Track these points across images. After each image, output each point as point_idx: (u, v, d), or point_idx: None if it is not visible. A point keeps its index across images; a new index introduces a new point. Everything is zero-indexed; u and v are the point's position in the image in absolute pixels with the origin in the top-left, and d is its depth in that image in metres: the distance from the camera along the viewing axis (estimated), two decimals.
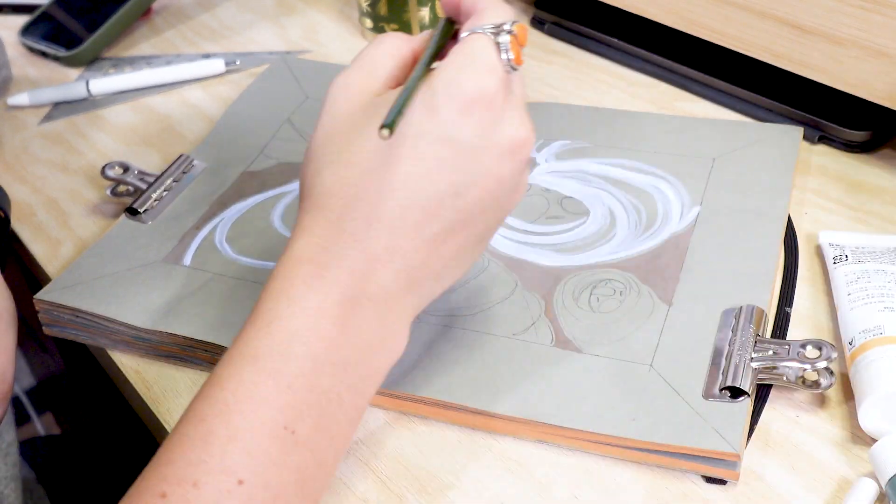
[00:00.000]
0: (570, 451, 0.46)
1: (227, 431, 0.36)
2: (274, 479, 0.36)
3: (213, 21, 0.88)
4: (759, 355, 0.46)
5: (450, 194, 0.39)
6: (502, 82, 0.40)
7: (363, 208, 0.39)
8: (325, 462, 0.38)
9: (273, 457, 0.36)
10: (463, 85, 0.39)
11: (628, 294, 0.51)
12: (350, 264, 0.39)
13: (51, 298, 0.54)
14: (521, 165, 0.41)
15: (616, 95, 0.71)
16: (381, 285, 0.39)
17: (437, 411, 0.48)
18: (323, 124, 0.41)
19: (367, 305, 0.39)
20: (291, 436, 0.36)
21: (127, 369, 0.53)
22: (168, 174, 0.62)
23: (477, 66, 0.39)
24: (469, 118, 0.39)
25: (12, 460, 0.54)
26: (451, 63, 0.40)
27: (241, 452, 0.35)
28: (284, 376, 0.37)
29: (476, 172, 0.39)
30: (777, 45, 0.62)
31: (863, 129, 0.61)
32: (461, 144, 0.39)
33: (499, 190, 0.40)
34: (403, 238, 0.39)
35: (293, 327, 0.38)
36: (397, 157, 0.39)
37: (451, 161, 0.39)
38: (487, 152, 0.39)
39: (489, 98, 0.39)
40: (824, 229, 0.55)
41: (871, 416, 0.43)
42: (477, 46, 0.40)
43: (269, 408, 0.36)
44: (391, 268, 0.39)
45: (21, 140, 0.74)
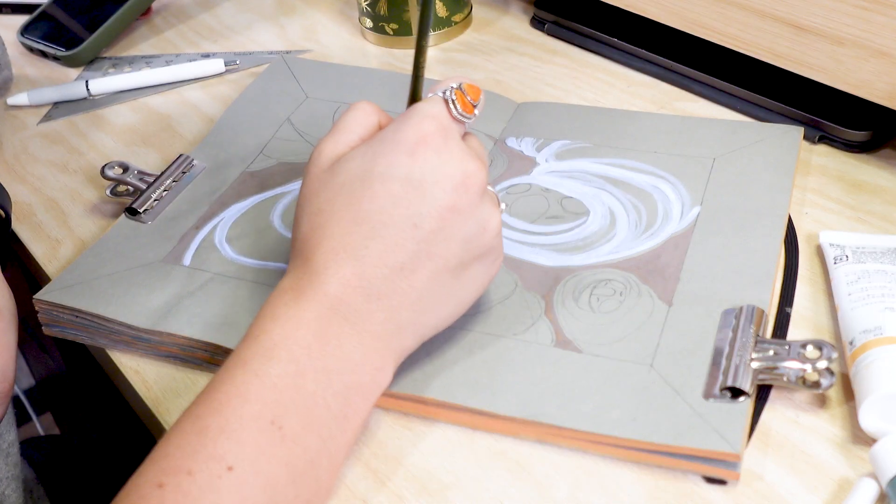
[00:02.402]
0: (570, 451, 0.46)
1: (218, 424, 0.39)
2: (264, 468, 0.38)
3: (213, 21, 0.88)
4: (759, 355, 0.46)
5: (408, 226, 0.44)
6: (444, 128, 0.45)
7: (331, 244, 0.44)
8: (317, 462, 0.41)
9: (262, 447, 0.39)
10: (406, 131, 0.45)
11: (628, 294, 0.51)
12: (325, 288, 0.43)
13: (50, 298, 0.54)
14: (474, 197, 0.45)
15: (616, 95, 0.71)
16: (354, 308, 0.43)
17: (437, 411, 0.47)
18: (303, 186, 0.47)
19: (344, 324, 0.43)
20: (279, 430, 0.39)
21: (127, 369, 0.53)
22: (168, 174, 0.62)
23: (419, 115, 0.45)
24: (415, 157, 0.44)
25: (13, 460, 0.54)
26: (400, 116, 0.46)
27: (231, 442, 0.38)
28: (270, 376, 0.40)
29: (429, 204, 0.44)
30: (777, 45, 0.62)
31: (863, 129, 0.61)
32: (411, 181, 0.44)
33: (456, 220, 0.44)
34: (370, 266, 0.43)
35: (276, 337, 0.42)
36: (357, 198, 0.44)
37: (404, 196, 0.44)
38: (438, 185, 0.44)
39: (430, 139, 0.44)
40: (825, 229, 0.55)
41: (872, 416, 0.43)
42: (424, 103, 0.46)
43: (256, 403, 0.39)
44: (362, 292, 0.43)
45: (21, 140, 0.74)
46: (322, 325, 0.42)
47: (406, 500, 0.44)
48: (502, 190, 0.60)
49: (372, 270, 0.43)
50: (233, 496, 0.37)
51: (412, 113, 0.46)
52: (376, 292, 0.43)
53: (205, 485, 0.37)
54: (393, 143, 0.45)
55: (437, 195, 0.44)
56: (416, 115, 0.45)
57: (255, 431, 0.39)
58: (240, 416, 0.39)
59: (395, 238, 0.44)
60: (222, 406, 0.39)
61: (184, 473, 0.37)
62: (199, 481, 0.37)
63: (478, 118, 0.48)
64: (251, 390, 0.40)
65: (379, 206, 0.44)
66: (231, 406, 0.39)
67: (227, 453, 0.38)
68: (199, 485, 0.37)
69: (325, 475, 0.41)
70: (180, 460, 0.38)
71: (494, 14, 0.83)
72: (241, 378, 0.40)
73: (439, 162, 0.44)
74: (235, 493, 0.37)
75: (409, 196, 0.44)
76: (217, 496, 0.37)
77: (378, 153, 0.45)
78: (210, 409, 0.39)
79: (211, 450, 0.38)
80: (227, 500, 0.37)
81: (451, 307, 0.46)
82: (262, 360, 0.41)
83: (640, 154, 0.61)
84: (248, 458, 0.38)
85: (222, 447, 0.38)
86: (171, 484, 0.37)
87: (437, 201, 0.44)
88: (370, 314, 0.43)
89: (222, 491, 0.37)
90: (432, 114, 0.45)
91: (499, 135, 0.65)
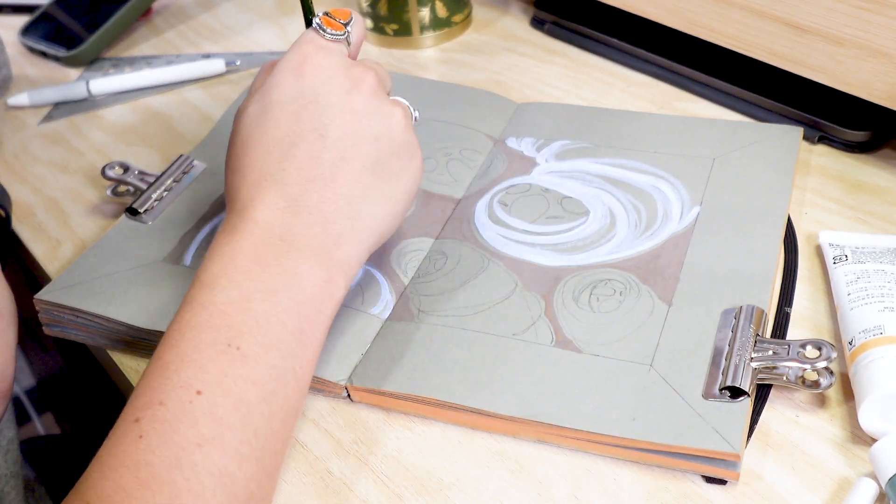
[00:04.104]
0: (570, 451, 0.46)
1: (178, 356, 0.40)
2: (231, 387, 0.39)
3: (213, 21, 0.88)
4: (758, 355, 0.46)
5: (315, 137, 0.46)
6: (321, 47, 0.48)
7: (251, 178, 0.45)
8: (284, 379, 0.41)
9: (224, 369, 0.40)
10: (288, 59, 0.48)
11: (628, 294, 0.51)
12: (254, 217, 0.44)
13: (51, 298, 0.54)
14: (369, 97, 0.48)
15: (616, 95, 0.71)
16: (286, 227, 0.44)
17: (437, 411, 0.48)
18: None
19: (280, 244, 0.43)
20: (237, 351, 0.40)
21: (127, 369, 0.53)
22: (168, 174, 0.62)
23: (295, 45, 0.49)
24: (303, 76, 0.47)
25: (13, 458, 0.55)
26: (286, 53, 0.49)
27: (194, 369, 0.39)
28: (216, 304, 0.41)
29: (329, 113, 0.46)
30: (777, 45, 0.62)
31: (863, 129, 0.61)
32: (305, 96, 0.47)
33: (359, 120, 0.47)
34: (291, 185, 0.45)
35: (216, 270, 0.43)
36: (263, 130, 0.46)
37: (304, 111, 0.46)
38: (331, 94, 0.47)
39: (311, 57, 0.48)
40: (824, 229, 0.55)
41: (871, 416, 0.43)
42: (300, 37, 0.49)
43: (209, 330, 0.41)
44: (290, 211, 0.44)
45: (21, 140, 0.74)
46: (259, 250, 0.43)
47: (406, 500, 0.44)
48: (502, 190, 0.60)
49: (294, 188, 0.45)
50: (206, 417, 0.38)
51: (291, 47, 0.49)
52: (304, 207, 0.45)
53: (178, 410, 0.38)
54: (279, 72, 0.47)
55: (333, 102, 0.47)
56: (293, 46, 0.49)
57: (214, 355, 0.40)
58: (196, 344, 0.40)
59: (307, 152, 0.45)
60: (177, 340, 0.40)
61: (156, 405, 0.38)
62: (172, 408, 0.38)
63: (352, 33, 0.50)
64: (201, 320, 0.41)
65: (284, 129, 0.46)
66: (185, 338, 0.40)
67: (193, 379, 0.39)
68: (173, 411, 0.38)
69: (293, 392, 0.42)
70: (150, 394, 0.39)
71: (494, 14, 0.83)
72: (189, 313, 0.41)
73: (326, 75, 0.47)
74: (209, 414, 0.38)
75: (308, 110, 0.46)
76: (192, 419, 0.38)
77: (269, 87, 0.47)
78: (168, 346, 0.40)
79: (176, 379, 0.39)
80: (202, 422, 0.38)
81: (383, 207, 0.47)
82: (206, 291, 0.42)
83: (640, 154, 0.61)
84: (214, 381, 0.39)
85: (187, 375, 0.39)
86: (145, 416, 0.38)
87: (335, 108, 0.46)
88: (304, 229, 0.44)
89: (196, 413, 0.38)
90: (306, 40, 0.49)
91: (499, 135, 0.65)
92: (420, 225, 0.58)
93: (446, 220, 0.58)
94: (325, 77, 0.47)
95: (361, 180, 0.46)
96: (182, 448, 0.37)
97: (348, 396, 0.49)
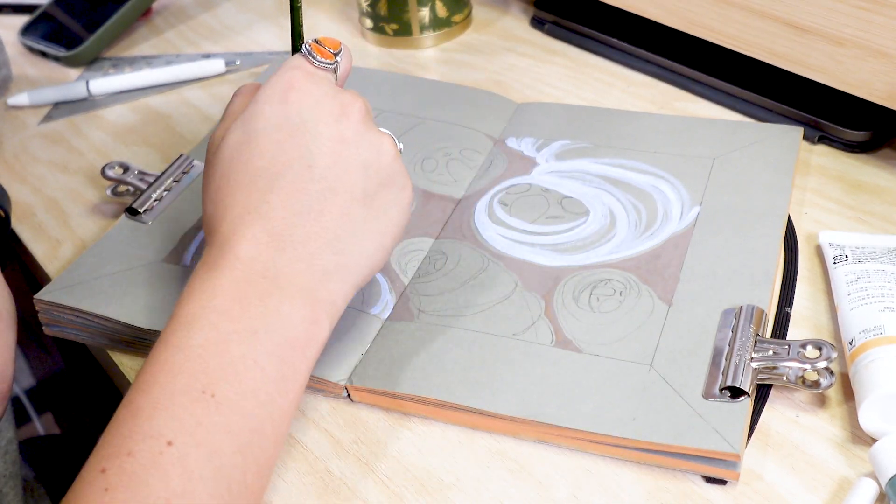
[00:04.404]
0: (570, 451, 0.46)
1: (149, 402, 0.38)
2: (204, 438, 0.37)
3: (213, 21, 0.88)
4: (759, 355, 0.46)
5: (303, 168, 0.43)
6: (308, 73, 0.46)
7: (234, 211, 0.43)
8: (260, 429, 0.39)
9: (197, 418, 0.37)
10: (273, 84, 0.45)
11: (628, 294, 0.51)
12: (235, 252, 0.42)
13: (51, 298, 0.54)
14: (358, 125, 0.45)
15: (616, 95, 0.71)
16: (270, 263, 0.42)
17: (437, 411, 0.48)
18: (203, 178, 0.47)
19: (262, 282, 0.41)
20: (212, 398, 0.38)
21: (127, 369, 0.53)
22: (168, 174, 0.62)
23: (281, 69, 0.46)
24: (289, 103, 0.44)
25: (11, 458, 0.54)
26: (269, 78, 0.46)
27: (165, 417, 0.37)
28: (193, 347, 0.39)
29: (316, 142, 0.44)
30: (777, 45, 0.62)
31: (863, 129, 0.61)
32: (291, 124, 0.44)
33: (347, 149, 0.44)
34: (276, 220, 0.42)
35: (194, 309, 0.40)
36: (247, 160, 0.44)
37: (290, 140, 0.44)
38: (319, 121, 0.44)
39: (298, 83, 0.45)
40: (824, 229, 0.55)
41: (871, 416, 0.43)
42: (285, 62, 0.47)
43: (182, 375, 0.38)
44: (274, 246, 0.42)
45: (21, 140, 0.74)
46: (240, 288, 0.41)
47: (406, 500, 0.44)
48: (502, 190, 0.60)
49: (279, 222, 0.42)
50: (177, 470, 0.36)
51: (275, 73, 0.46)
52: (290, 242, 0.42)
53: (147, 462, 0.36)
54: (264, 99, 0.45)
55: (321, 130, 0.44)
56: (278, 71, 0.46)
57: (187, 403, 0.38)
58: (170, 391, 0.38)
59: (293, 184, 0.43)
60: (150, 385, 0.38)
61: (124, 455, 0.36)
62: (141, 460, 0.36)
63: (341, 64, 0.48)
64: (175, 364, 0.39)
65: (269, 158, 0.43)
66: (158, 383, 0.38)
67: (164, 428, 0.37)
68: (142, 463, 0.36)
69: (269, 443, 0.39)
70: (119, 443, 0.37)
71: (494, 14, 0.83)
72: (163, 355, 0.39)
73: (313, 101, 0.45)
74: (179, 466, 0.36)
75: (294, 139, 0.44)
76: (161, 472, 0.36)
77: (253, 114, 0.45)
78: (139, 391, 0.38)
79: (146, 428, 0.37)
80: (173, 475, 0.36)
81: (371, 242, 0.45)
82: (182, 333, 0.40)
83: (640, 154, 0.61)
84: (186, 431, 0.37)
85: (157, 423, 0.37)
86: (112, 467, 0.36)
87: (323, 136, 0.44)
88: (289, 265, 0.42)
89: (166, 466, 0.36)
90: (293, 65, 0.46)
91: (499, 135, 0.65)
92: (420, 225, 0.58)
93: (446, 220, 0.58)
94: (313, 103, 0.45)
95: (350, 212, 0.44)
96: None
97: (348, 396, 0.49)
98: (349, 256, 0.44)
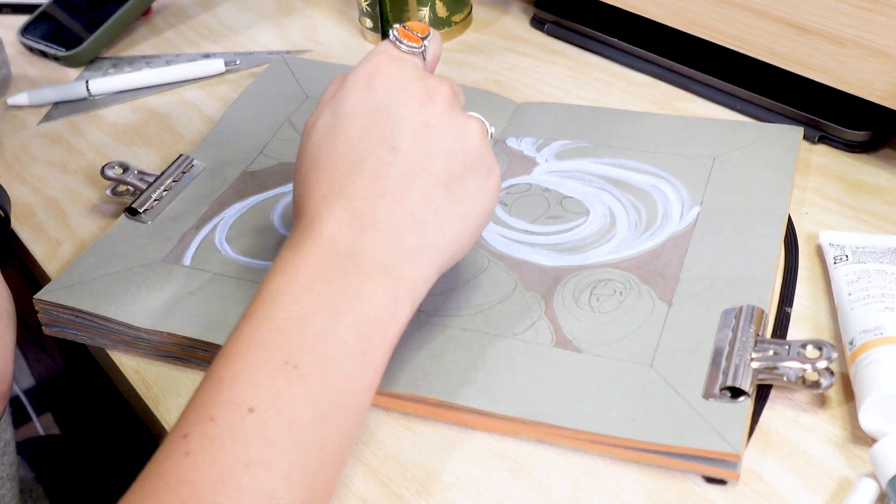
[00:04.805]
0: (570, 451, 0.46)
1: (232, 372, 0.39)
2: (285, 407, 0.38)
3: (213, 21, 0.88)
4: (759, 355, 0.46)
5: (386, 151, 0.44)
6: (394, 58, 0.47)
7: (319, 193, 0.44)
8: (340, 402, 0.40)
9: (279, 388, 0.38)
10: (359, 71, 0.47)
11: (628, 294, 0.51)
12: (320, 232, 0.43)
13: (50, 298, 0.54)
14: (443, 109, 0.46)
15: (616, 95, 0.71)
16: (352, 243, 0.43)
17: (437, 411, 0.47)
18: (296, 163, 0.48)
19: (346, 261, 0.42)
20: (294, 370, 0.39)
21: (127, 369, 0.53)
22: (168, 174, 0.62)
23: (368, 56, 0.48)
24: (374, 88, 0.46)
25: (9, 460, 0.54)
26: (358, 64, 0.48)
27: (247, 386, 0.38)
28: (276, 320, 0.40)
29: (401, 126, 0.45)
30: (777, 45, 0.62)
31: (863, 129, 0.61)
32: (377, 110, 0.45)
33: (432, 134, 0.45)
34: (359, 200, 0.43)
35: (278, 285, 0.41)
36: (333, 144, 0.45)
37: (375, 125, 0.45)
38: (403, 106, 0.45)
39: (383, 69, 0.46)
40: (824, 229, 0.55)
41: (872, 416, 0.43)
42: (375, 48, 0.48)
43: (265, 348, 0.39)
44: (357, 227, 0.43)
45: (21, 140, 0.74)
46: (323, 266, 0.42)
47: (406, 500, 0.44)
48: (502, 190, 0.60)
49: (362, 203, 0.43)
50: (257, 437, 0.37)
51: (363, 59, 0.47)
52: (372, 223, 0.43)
53: (228, 428, 0.37)
54: (351, 85, 0.46)
55: (405, 115, 0.45)
56: (366, 57, 0.47)
57: (269, 373, 0.38)
58: (251, 361, 0.39)
59: (377, 167, 0.44)
60: (234, 356, 0.39)
61: (206, 420, 0.37)
62: (222, 425, 0.37)
63: (429, 48, 0.49)
64: (259, 336, 0.40)
65: (354, 143, 0.44)
66: (241, 354, 0.39)
67: (246, 396, 0.38)
68: (223, 428, 0.37)
69: (350, 417, 0.40)
70: (201, 410, 0.38)
71: (494, 14, 0.83)
72: (248, 329, 0.40)
73: (399, 86, 0.45)
74: (260, 433, 0.37)
75: (379, 123, 0.45)
76: (242, 437, 0.37)
77: (340, 100, 0.46)
78: (223, 362, 0.39)
79: (228, 396, 0.38)
80: (253, 441, 0.37)
81: (455, 225, 0.45)
82: (267, 307, 0.41)
83: (640, 154, 0.61)
84: (267, 399, 0.38)
85: (240, 392, 0.38)
86: (195, 432, 0.37)
87: (408, 120, 0.45)
88: (371, 246, 0.43)
89: (246, 432, 0.37)
90: (380, 50, 0.47)
91: (499, 135, 0.65)
92: None
93: None
94: (398, 88, 0.45)
95: (433, 197, 0.44)
96: (229, 468, 0.36)
97: None
98: (431, 239, 0.44)
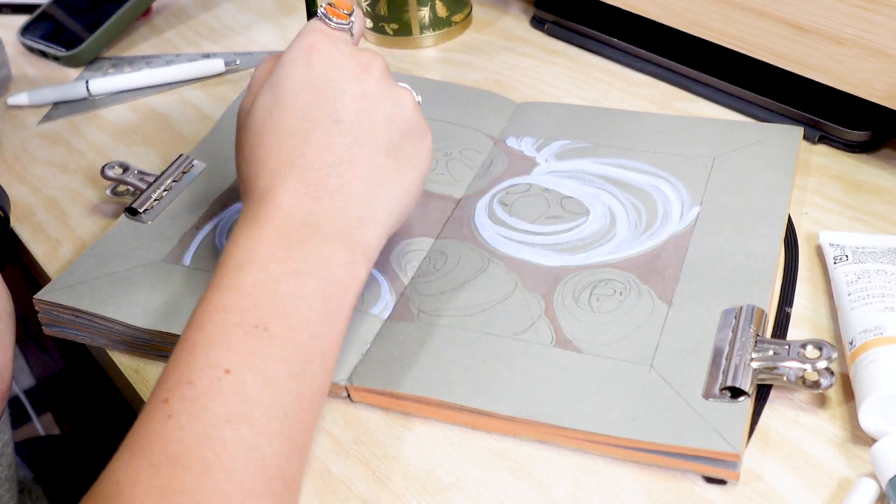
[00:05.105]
0: (570, 451, 0.46)
1: (206, 337, 0.40)
2: (260, 367, 0.39)
3: (213, 21, 0.88)
4: (759, 355, 0.46)
5: (331, 123, 0.46)
6: (327, 35, 0.49)
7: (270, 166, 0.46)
8: (311, 360, 0.41)
9: (253, 349, 0.40)
10: (295, 49, 0.48)
11: (628, 294, 0.51)
12: (277, 203, 0.45)
13: (50, 298, 0.54)
14: (378, 80, 0.48)
15: (616, 95, 0.71)
16: (308, 212, 0.45)
17: (437, 411, 0.48)
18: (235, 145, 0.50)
19: (303, 229, 0.44)
20: (265, 332, 0.40)
21: (127, 369, 0.53)
22: (168, 174, 0.62)
23: (301, 34, 0.49)
24: (312, 65, 0.48)
25: (7, 461, 0.54)
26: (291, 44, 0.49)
27: (222, 349, 0.40)
28: (243, 287, 0.42)
29: (342, 98, 0.47)
30: (777, 45, 0.62)
31: (863, 129, 0.61)
32: (317, 84, 0.47)
33: (371, 104, 0.47)
34: (310, 171, 0.45)
35: (242, 255, 0.43)
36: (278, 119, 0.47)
37: (317, 98, 0.47)
38: (342, 79, 0.47)
39: (319, 45, 0.48)
40: (824, 229, 0.55)
41: (872, 416, 0.43)
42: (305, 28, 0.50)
43: (236, 312, 0.41)
44: (312, 196, 0.45)
45: (21, 140, 0.74)
46: (283, 235, 0.44)
47: (406, 500, 0.44)
48: (502, 190, 0.60)
49: (313, 174, 0.45)
50: (236, 395, 0.38)
51: (296, 38, 0.49)
52: (325, 191, 0.45)
53: (206, 389, 0.38)
54: (290, 63, 0.48)
55: (344, 87, 0.47)
56: (299, 36, 0.49)
57: (242, 335, 0.40)
58: (223, 326, 0.40)
59: (324, 138, 0.46)
60: (204, 322, 0.41)
61: (184, 384, 0.38)
62: (201, 387, 0.38)
63: (355, 24, 0.51)
64: (228, 302, 0.41)
65: (299, 116, 0.46)
66: (212, 320, 0.41)
67: (221, 358, 0.39)
68: (202, 389, 0.38)
69: (320, 372, 0.42)
70: (178, 375, 0.39)
71: (494, 14, 0.83)
72: (215, 297, 0.42)
73: (335, 61, 0.48)
74: (238, 392, 0.38)
75: (321, 97, 0.47)
76: (221, 397, 0.38)
77: (280, 77, 0.48)
78: (194, 329, 0.41)
79: (204, 360, 0.39)
80: (232, 400, 0.38)
81: (399, 189, 0.48)
82: (233, 275, 0.42)
83: (640, 154, 0.61)
84: (242, 360, 0.39)
85: (215, 354, 0.39)
86: (175, 396, 0.38)
87: (347, 93, 0.47)
88: (326, 213, 0.45)
89: (225, 391, 0.38)
90: (312, 28, 0.49)
91: (499, 135, 0.65)
92: (420, 225, 0.58)
93: (446, 220, 0.58)
94: (335, 63, 0.48)
95: (378, 163, 0.47)
96: (212, 425, 0.37)
97: (348, 396, 0.49)
98: (380, 203, 0.47)
